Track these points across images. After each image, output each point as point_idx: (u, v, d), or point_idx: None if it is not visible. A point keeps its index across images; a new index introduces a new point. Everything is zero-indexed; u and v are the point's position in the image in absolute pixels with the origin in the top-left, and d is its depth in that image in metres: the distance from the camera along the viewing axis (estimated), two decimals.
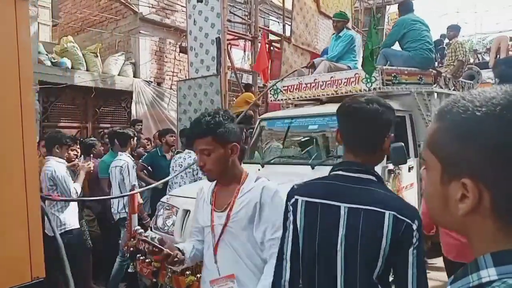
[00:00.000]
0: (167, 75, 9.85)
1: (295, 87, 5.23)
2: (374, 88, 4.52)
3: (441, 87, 5.37)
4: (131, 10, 9.19)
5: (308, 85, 5.09)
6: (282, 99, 5.46)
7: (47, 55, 7.85)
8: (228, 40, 7.84)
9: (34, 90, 7.39)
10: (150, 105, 9.15)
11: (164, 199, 3.84)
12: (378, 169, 3.62)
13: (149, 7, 9.34)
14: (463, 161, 0.64)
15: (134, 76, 9.15)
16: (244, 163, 4.61)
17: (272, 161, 4.53)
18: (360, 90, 4.60)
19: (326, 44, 8.27)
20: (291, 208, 1.55)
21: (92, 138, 6.10)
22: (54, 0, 10.38)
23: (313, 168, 3.99)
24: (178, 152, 5.51)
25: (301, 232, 1.52)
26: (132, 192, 4.04)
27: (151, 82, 9.42)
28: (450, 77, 5.88)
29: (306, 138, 4.70)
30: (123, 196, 4.30)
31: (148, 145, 7.08)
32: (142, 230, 3.73)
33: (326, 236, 1.44)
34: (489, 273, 0.61)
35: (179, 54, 9.74)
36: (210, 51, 7.47)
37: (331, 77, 4.88)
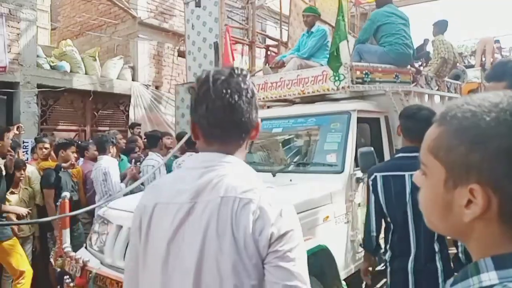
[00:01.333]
0: (165, 79, 9.90)
1: (260, 86, 4.74)
2: (343, 87, 4.09)
3: (422, 86, 4.96)
4: (129, 15, 9.25)
5: (274, 84, 4.61)
6: None
7: (45, 58, 7.89)
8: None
9: (33, 93, 7.44)
10: (148, 108, 9.20)
11: (101, 211, 3.35)
12: (345, 177, 3.45)
13: (148, 11, 9.40)
14: (470, 166, 0.63)
15: (132, 80, 9.20)
16: None
17: None
18: (328, 89, 4.17)
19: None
20: (371, 182, 2.40)
21: (85, 141, 6.21)
22: (53, 4, 10.44)
23: (274, 175, 3.66)
24: (175, 156, 5.56)
25: (382, 197, 2.32)
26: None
27: (150, 85, 9.47)
28: (433, 76, 5.47)
29: (270, 142, 4.34)
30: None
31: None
32: (70, 248, 3.23)
33: (398, 196, 2.25)
34: (489, 277, 0.60)
35: (177, 58, 9.80)
36: (208, 55, 7.53)
37: (298, 75, 4.42)
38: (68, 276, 2.97)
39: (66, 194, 3.58)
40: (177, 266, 1.09)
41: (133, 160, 5.34)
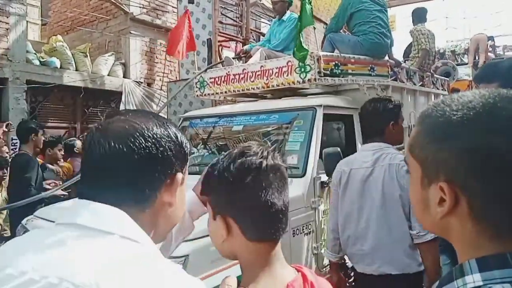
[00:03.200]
0: (157, 75, 9.79)
1: (222, 78, 4.31)
2: (309, 80, 3.66)
3: (402, 81, 4.51)
4: (121, 10, 9.12)
5: (237, 76, 4.17)
6: (208, 94, 4.54)
7: (35, 54, 7.75)
8: (219, 41, 7.84)
9: (22, 89, 7.30)
10: (140, 105, 9.08)
11: (24, 221, 2.96)
12: (306, 181, 3.00)
13: (140, 7, 9.28)
14: (439, 165, 0.64)
15: (124, 77, 9.08)
16: None
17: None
18: (293, 82, 3.75)
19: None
20: None
21: (72, 138, 6.11)
22: None
23: None
24: None
25: None
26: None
27: (141, 82, 9.36)
28: (417, 70, 5.04)
29: (230, 141, 3.97)
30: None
31: None
32: None
33: None
34: (474, 279, 0.60)
35: (169, 55, 9.69)
36: (202, 52, 7.45)
37: (261, 66, 3.98)
38: None
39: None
40: (368, 196, 2.28)
41: None
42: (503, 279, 0.58)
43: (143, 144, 0.77)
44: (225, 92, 4.34)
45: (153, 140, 0.78)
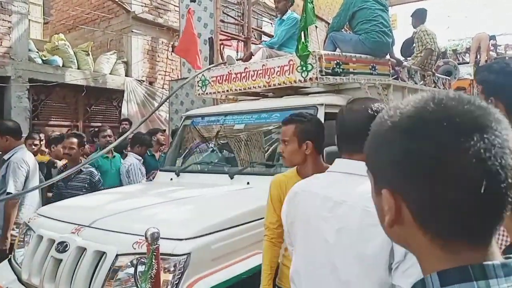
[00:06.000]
0: (159, 74, 9.81)
1: (224, 77, 4.30)
2: (311, 79, 3.63)
3: (404, 80, 4.52)
4: (123, 9, 9.14)
5: (238, 75, 4.17)
6: (210, 92, 4.53)
7: (37, 52, 7.77)
8: (220, 40, 7.83)
9: (24, 87, 7.32)
10: (142, 104, 9.11)
11: (26, 218, 3.03)
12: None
13: (142, 6, 9.30)
14: (380, 172, 0.64)
15: (126, 75, 9.10)
16: (160, 170, 4.09)
17: (188, 169, 3.80)
18: (295, 81, 3.73)
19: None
20: None
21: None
22: None
23: (232, 177, 3.35)
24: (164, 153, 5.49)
25: None
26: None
27: (143, 81, 9.38)
28: (418, 69, 5.07)
29: (232, 140, 4.03)
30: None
31: None
32: None
33: None
34: None
35: (171, 54, 9.70)
36: (203, 51, 7.45)
37: (263, 65, 3.97)
38: None
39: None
40: None
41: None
42: None
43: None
44: (227, 91, 4.34)
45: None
